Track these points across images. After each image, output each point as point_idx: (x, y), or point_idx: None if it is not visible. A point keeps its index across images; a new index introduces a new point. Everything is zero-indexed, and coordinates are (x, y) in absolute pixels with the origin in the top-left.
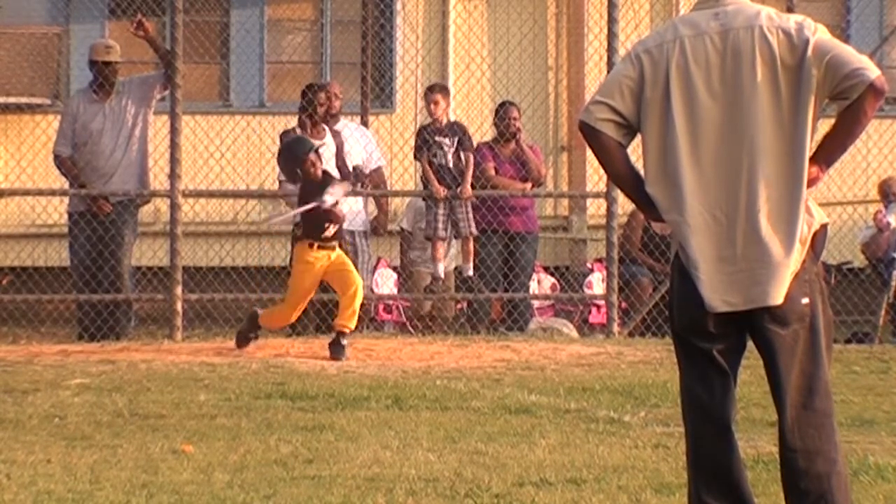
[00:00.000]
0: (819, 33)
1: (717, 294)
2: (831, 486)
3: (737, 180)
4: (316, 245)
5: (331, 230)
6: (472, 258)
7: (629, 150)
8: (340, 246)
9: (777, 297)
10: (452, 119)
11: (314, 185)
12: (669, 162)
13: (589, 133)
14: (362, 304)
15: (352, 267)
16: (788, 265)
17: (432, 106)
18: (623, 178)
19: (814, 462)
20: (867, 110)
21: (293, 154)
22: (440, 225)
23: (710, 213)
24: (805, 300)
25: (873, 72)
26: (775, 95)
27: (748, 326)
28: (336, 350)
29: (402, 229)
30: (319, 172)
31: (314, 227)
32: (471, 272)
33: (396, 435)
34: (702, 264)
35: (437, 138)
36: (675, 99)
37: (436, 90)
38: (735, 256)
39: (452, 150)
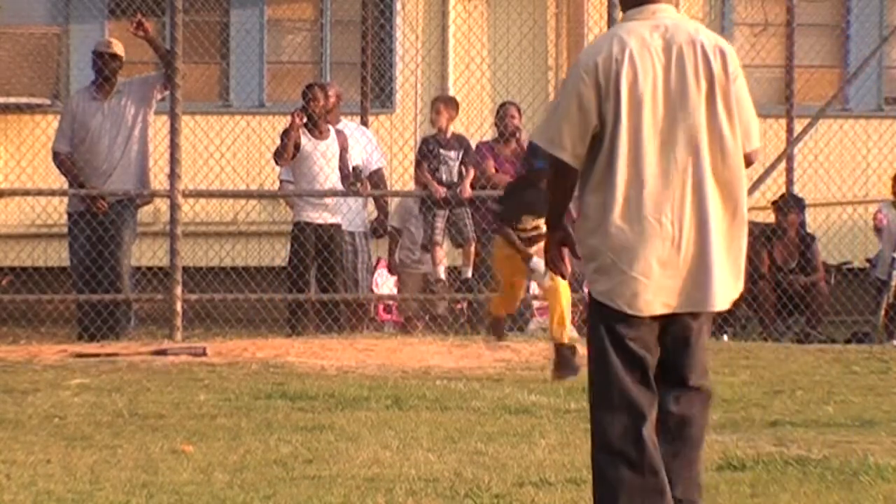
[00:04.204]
0: (741, 74)
1: (657, 297)
2: (699, 458)
3: (682, 189)
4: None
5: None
6: (472, 261)
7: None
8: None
9: (719, 303)
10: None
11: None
12: (614, 170)
13: (563, 171)
14: (361, 304)
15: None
16: (728, 271)
17: (434, 115)
18: (568, 198)
19: (694, 427)
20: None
21: (524, 205)
22: (438, 230)
23: (655, 220)
24: None
25: (753, 144)
26: (713, 109)
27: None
28: (561, 365)
29: (392, 227)
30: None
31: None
32: (469, 274)
33: (396, 435)
34: (645, 268)
35: (441, 151)
36: (624, 110)
37: (440, 100)
38: (678, 262)
39: (457, 163)
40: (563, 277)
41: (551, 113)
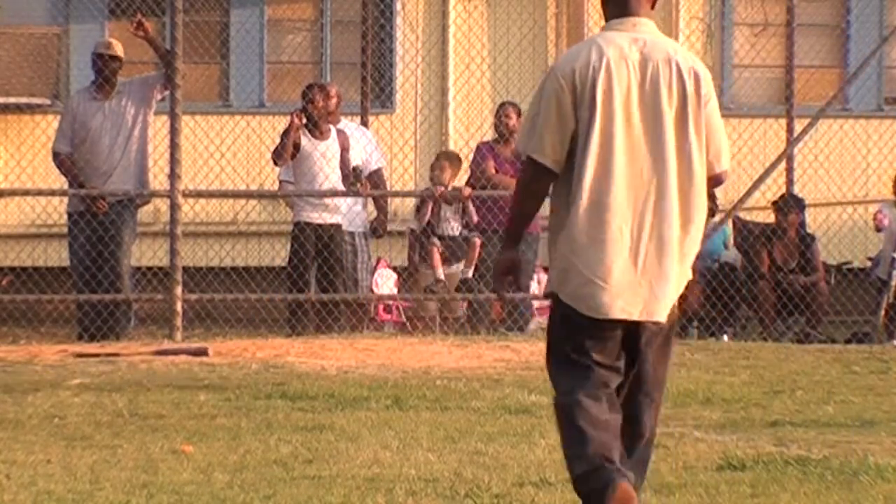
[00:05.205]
0: (714, 97)
1: (616, 301)
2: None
3: (644, 202)
4: None
5: None
6: (474, 262)
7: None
8: None
9: (664, 315)
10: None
11: None
12: (583, 174)
13: (541, 173)
14: (361, 304)
15: None
16: (678, 285)
17: (438, 172)
18: (538, 206)
19: (650, 444)
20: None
21: None
22: (435, 238)
23: (616, 228)
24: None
25: (723, 166)
26: (683, 128)
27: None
28: None
29: (411, 230)
30: None
31: None
32: (469, 273)
33: (396, 435)
34: (604, 273)
35: (442, 206)
36: (597, 118)
37: (444, 157)
38: (635, 271)
39: (457, 216)
40: (503, 302)
41: (531, 120)
